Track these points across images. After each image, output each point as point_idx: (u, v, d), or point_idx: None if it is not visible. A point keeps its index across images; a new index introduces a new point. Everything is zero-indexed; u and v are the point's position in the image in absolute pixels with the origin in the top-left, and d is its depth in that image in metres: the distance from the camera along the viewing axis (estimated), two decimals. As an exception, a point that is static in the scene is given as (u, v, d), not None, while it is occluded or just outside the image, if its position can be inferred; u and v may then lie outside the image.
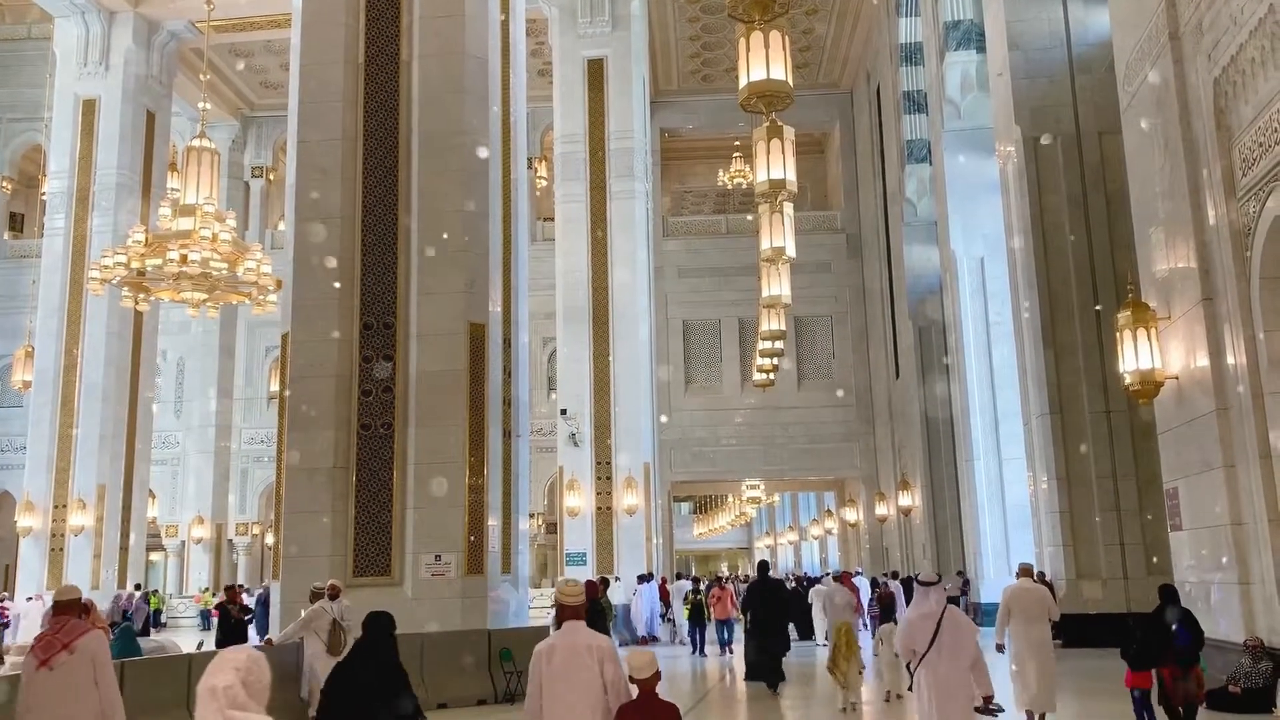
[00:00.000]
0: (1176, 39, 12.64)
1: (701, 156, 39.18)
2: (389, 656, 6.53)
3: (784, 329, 22.01)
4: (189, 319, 27.44)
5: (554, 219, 28.54)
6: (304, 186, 15.18)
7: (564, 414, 25.65)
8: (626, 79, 27.28)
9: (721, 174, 35.81)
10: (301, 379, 14.69)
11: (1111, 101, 15.86)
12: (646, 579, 23.41)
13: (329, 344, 14.56)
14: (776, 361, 24.65)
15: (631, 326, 26.08)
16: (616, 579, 23.53)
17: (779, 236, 16.27)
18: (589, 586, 13.22)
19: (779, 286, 19.51)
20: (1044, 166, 19.39)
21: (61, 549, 25.79)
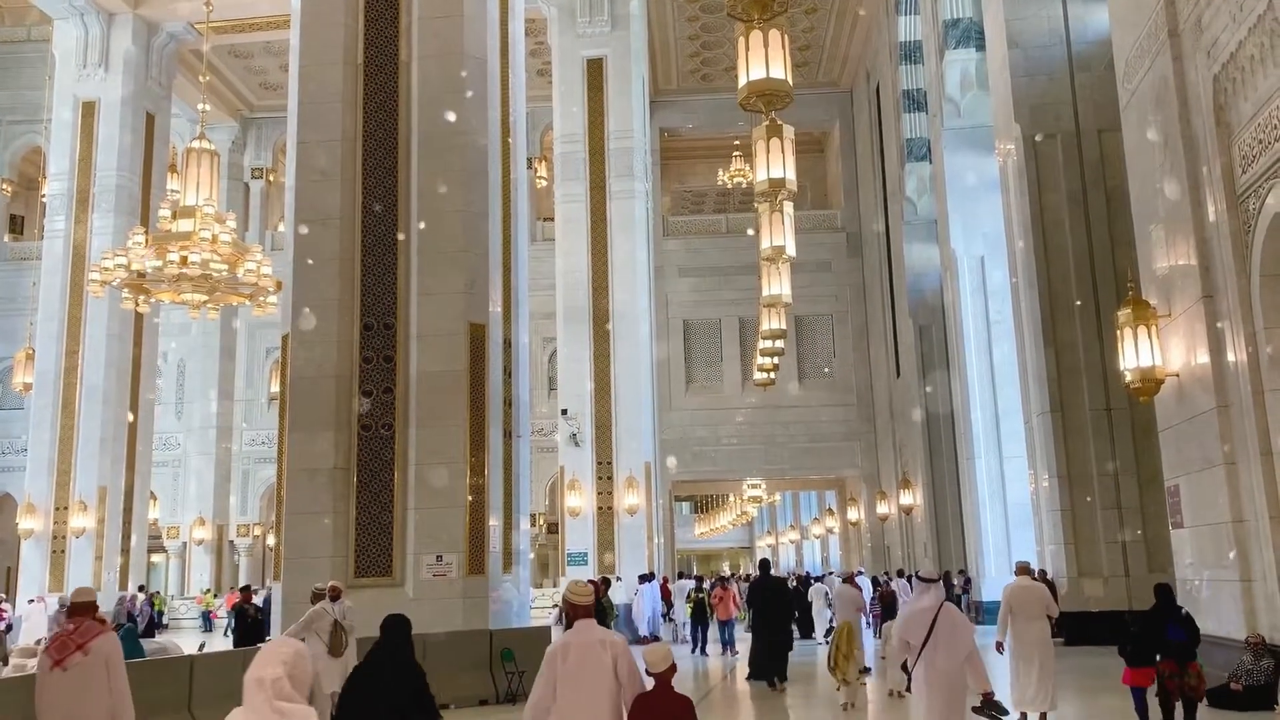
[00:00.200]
0: (1176, 36, 12.63)
1: (701, 156, 39.18)
2: (406, 658, 6.57)
3: (784, 328, 22.00)
4: (189, 320, 27.50)
5: (554, 219, 28.53)
6: (304, 187, 15.19)
7: (565, 414, 25.65)
8: (626, 78, 27.27)
9: (721, 173, 35.81)
10: (302, 380, 14.69)
11: (1111, 99, 15.86)
12: (648, 579, 23.41)
13: (329, 345, 14.57)
14: (777, 360, 24.65)
15: (632, 326, 26.07)
16: (618, 579, 23.54)
17: (779, 235, 16.25)
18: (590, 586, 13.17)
19: (779, 286, 19.50)
20: (1044, 164, 19.38)
21: (63, 551, 25.81)
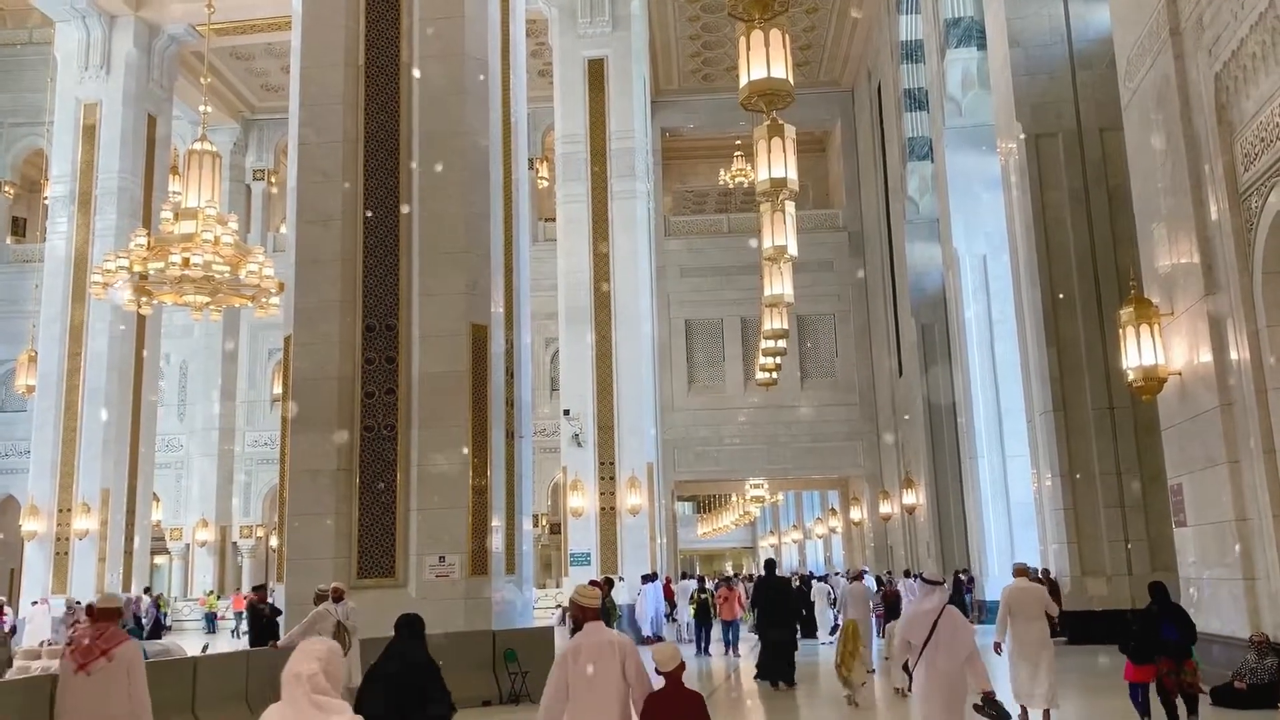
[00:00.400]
0: (1177, 34, 12.62)
1: (703, 156, 39.19)
2: (421, 656, 6.61)
3: (786, 328, 21.99)
4: (191, 322, 27.58)
5: (555, 219, 28.54)
6: (305, 189, 15.19)
7: (567, 414, 25.66)
8: (627, 79, 27.27)
9: (723, 173, 35.81)
10: (304, 381, 14.70)
11: (1113, 97, 15.84)
12: (651, 579, 23.41)
13: (331, 346, 14.57)
14: (779, 360, 24.64)
15: (634, 326, 26.06)
16: (621, 579, 23.53)
17: (781, 235, 16.21)
18: (593, 586, 13.18)
19: (781, 285, 19.47)
20: (1045, 163, 19.38)
21: (66, 553, 25.82)
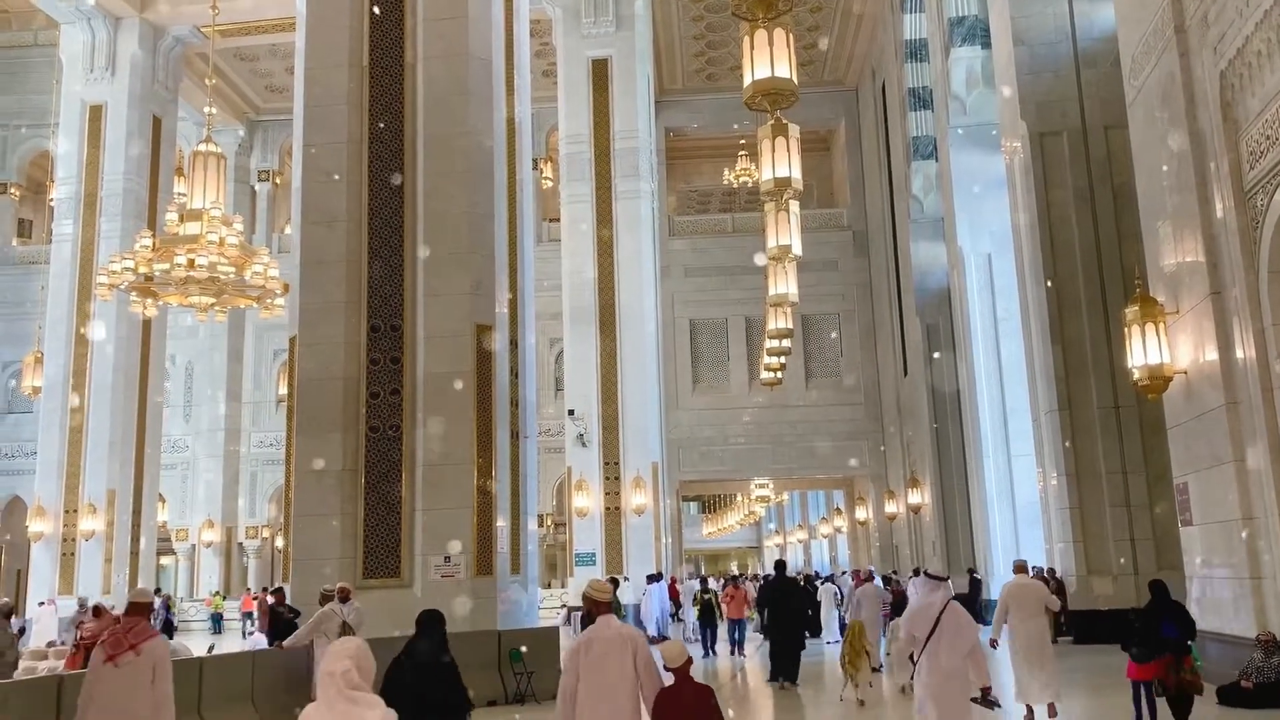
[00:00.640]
0: (1182, 32, 12.59)
1: (707, 155, 39.17)
2: (440, 654, 6.70)
3: (791, 327, 21.96)
4: (197, 323, 27.63)
5: (559, 220, 28.57)
6: (310, 190, 15.22)
7: (571, 414, 25.68)
8: (631, 79, 27.28)
9: (727, 173, 35.77)
10: (309, 382, 14.72)
11: (1117, 96, 15.81)
12: (656, 578, 23.41)
13: (336, 347, 14.59)
14: (784, 360, 24.61)
15: (638, 326, 26.07)
16: (626, 579, 23.54)
17: (785, 235, 16.19)
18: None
19: (785, 285, 19.46)
20: (1050, 161, 19.34)
21: (73, 554, 25.90)
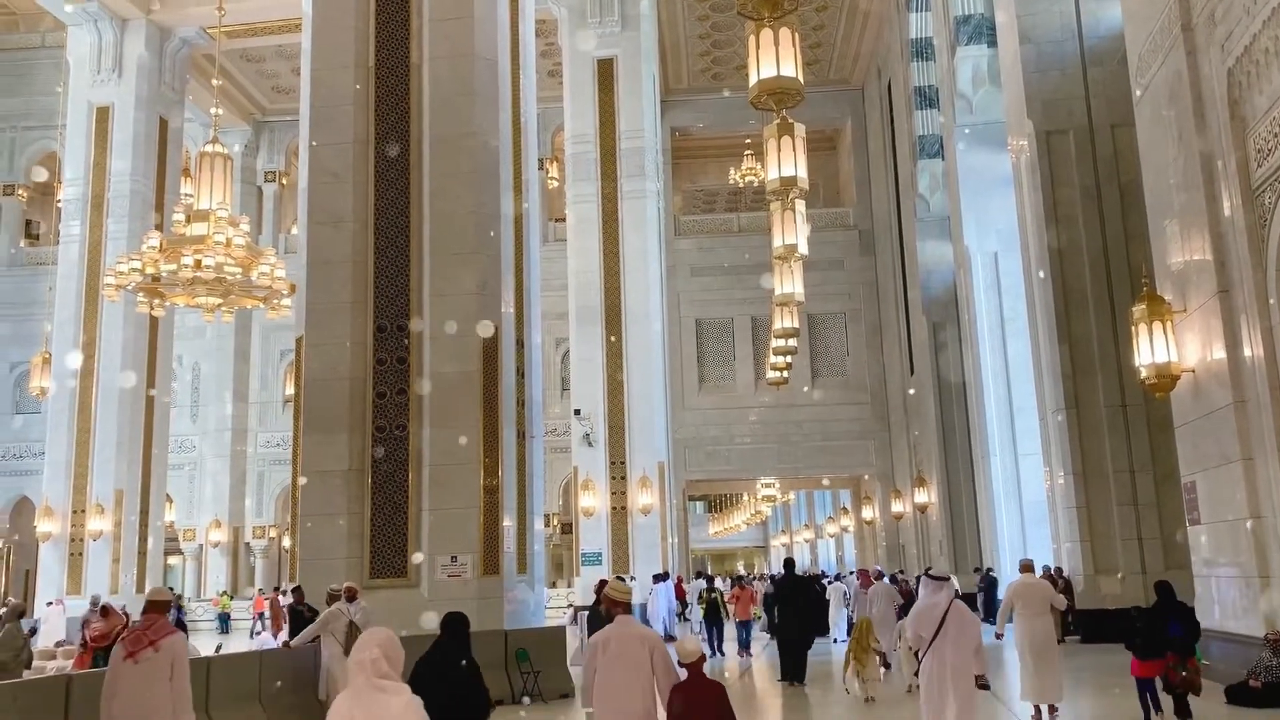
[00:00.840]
0: (1189, 30, 12.56)
1: (712, 155, 39.15)
2: (464, 655, 6.78)
3: (797, 327, 21.97)
4: (204, 324, 27.67)
5: (565, 219, 28.58)
6: (316, 190, 15.24)
7: (578, 414, 25.69)
8: (636, 78, 27.28)
9: (733, 172, 35.77)
10: (316, 382, 14.75)
11: (1124, 94, 15.78)
12: (662, 578, 23.41)
13: (343, 347, 14.62)
14: (790, 359, 24.62)
15: (644, 326, 26.07)
16: (632, 578, 23.54)
17: (791, 234, 16.22)
18: (605, 586, 13.20)
19: (791, 284, 19.46)
20: (1057, 160, 19.29)
21: (81, 554, 25.97)
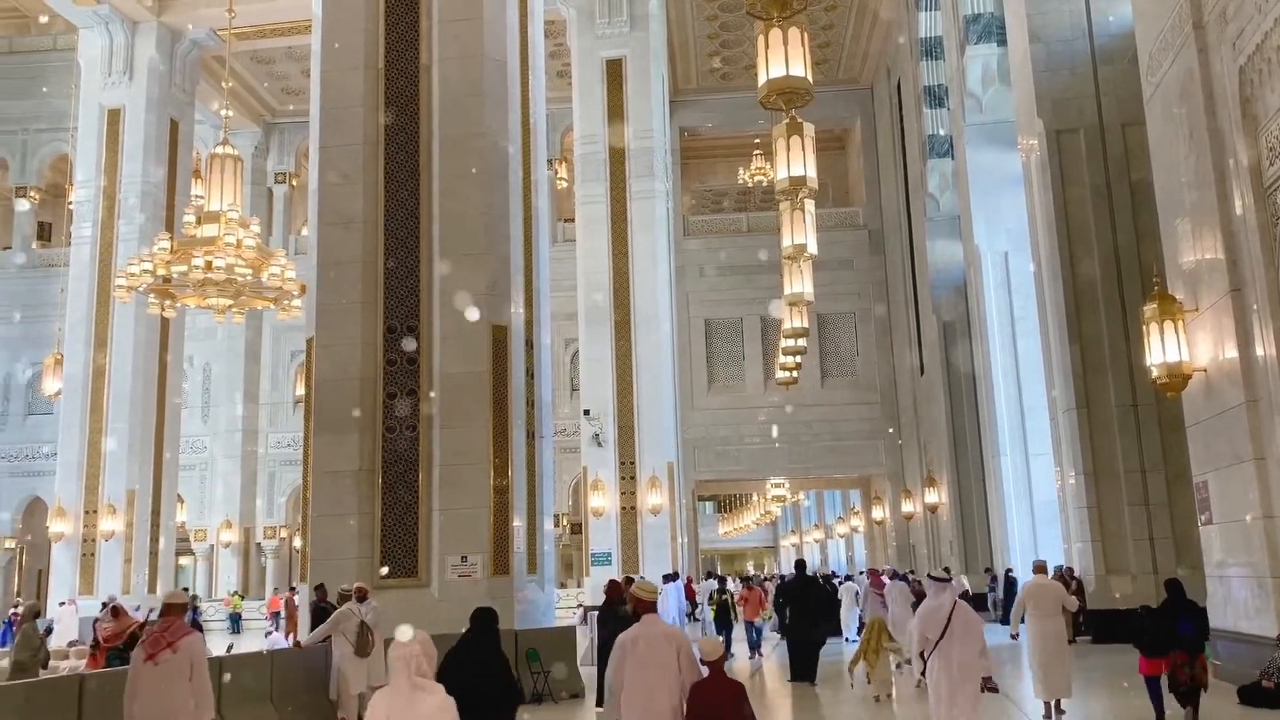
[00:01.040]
0: (1200, 28, 12.51)
1: (721, 155, 39.14)
2: (492, 651, 6.86)
3: (806, 326, 21.92)
4: (215, 325, 27.75)
5: (574, 220, 28.60)
6: (326, 191, 15.28)
7: (587, 415, 25.70)
8: (645, 79, 27.29)
9: (742, 172, 35.74)
10: (326, 382, 14.78)
11: (1135, 92, 15.72)
12: (672, 578, 23.39)
13: (353, 348, 14.64)
14: (800, 359, 24.57)
15: (653, 326, 26.07)
16: (642, 578, 23.52)
17: (800, 233, 16.17)
18: (614, 586, 13.25)
19: (801, 284, 19.42)
20: (1067, 159, 19.24)
21: (93, 554, 26.10)
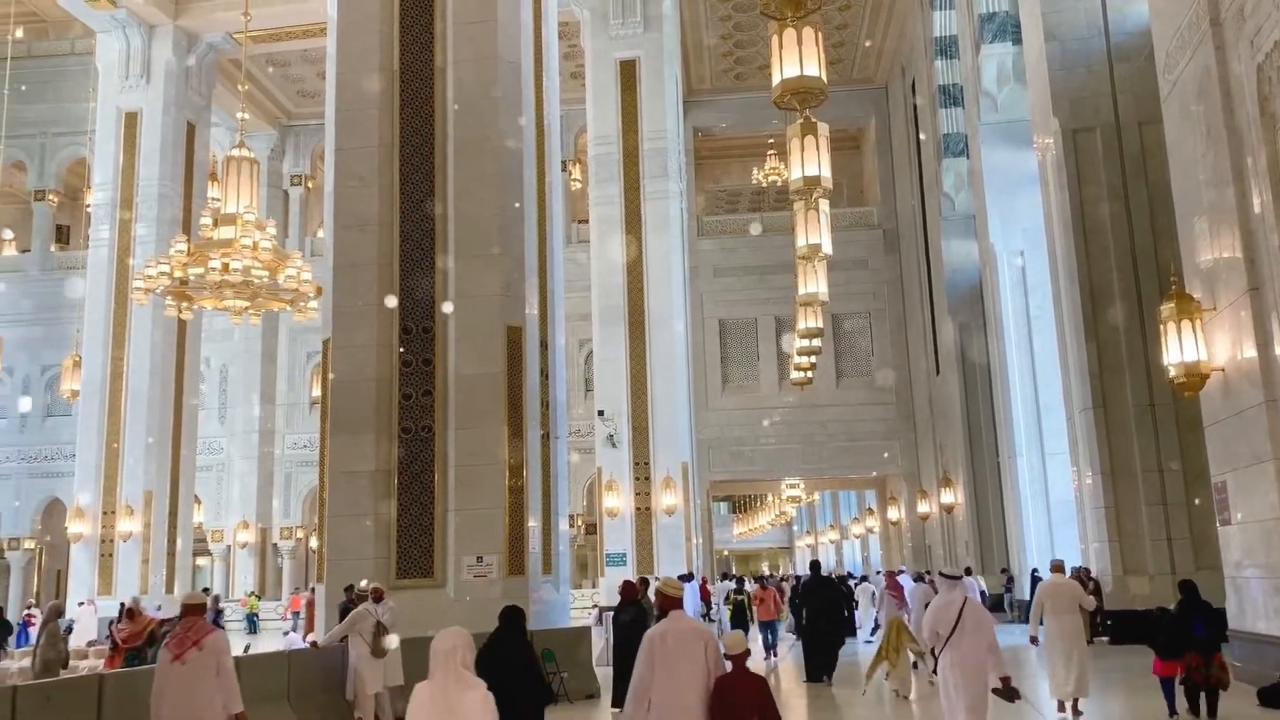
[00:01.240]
0: (1217, 25, 12.44)
1: (735, 155, 39.13)
2: (520, 650, 6.86)
3: (821, 326, 21.88)
4: (232, 326, 27.89)
5: (589, 221, 28.63)
6: (342, 193, 15.34)
7: (601, 415, 25.72)
8: (659, 79, 27.30)
9: (756, 172, 35.72)
10: (342, 384, 14.84)
11: (1151, 91, 15.64)
12: (687, 579, 23.37)
13: (369, 349, 14.70)
14: (814, 359, 24.53)
15: (667, 326, 26.08)
16: (656, 579, 23.52)
17: (815, 233, 16.14)
18: (629, 587, 13.24)
19: (815, 284, 19.39)
20: (1083, 158, 19.15)
21: (111, 554, 26.28)
